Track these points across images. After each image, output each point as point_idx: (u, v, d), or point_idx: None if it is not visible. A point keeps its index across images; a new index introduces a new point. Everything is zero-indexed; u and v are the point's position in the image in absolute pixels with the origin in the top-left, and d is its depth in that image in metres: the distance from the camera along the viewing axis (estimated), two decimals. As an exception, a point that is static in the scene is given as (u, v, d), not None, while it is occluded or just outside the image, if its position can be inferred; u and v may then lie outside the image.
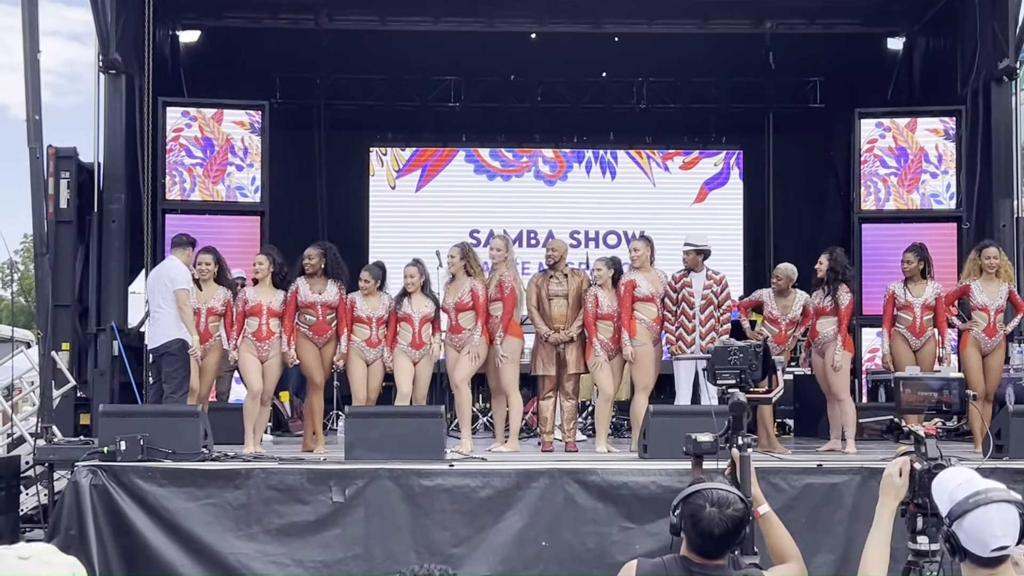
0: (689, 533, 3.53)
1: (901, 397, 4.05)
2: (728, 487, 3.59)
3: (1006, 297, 10.02)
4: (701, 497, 3.52)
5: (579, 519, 8.33)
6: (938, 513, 3.62)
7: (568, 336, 9.97)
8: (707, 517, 3.47)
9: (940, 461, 3.77)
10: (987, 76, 13.24)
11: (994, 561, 3.14)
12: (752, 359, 4.27)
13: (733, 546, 3.55)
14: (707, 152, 16.42)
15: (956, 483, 3.21)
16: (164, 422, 8.63)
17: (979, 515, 3.10)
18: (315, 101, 15.91)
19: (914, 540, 3.85)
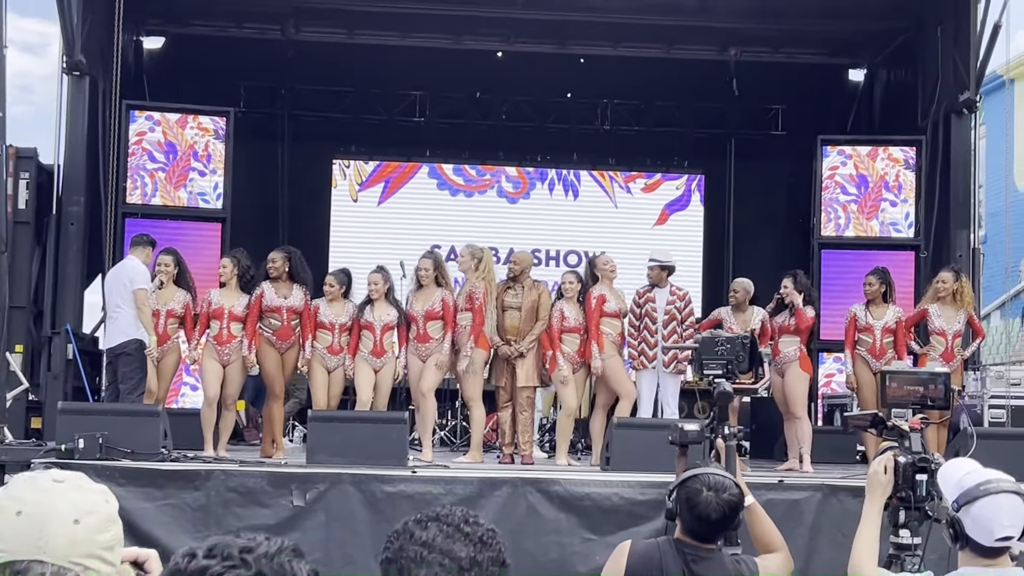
0: (685, 517, 3.53)
1: (887, 391, 4.07)
2: (724, 472, 3.60)
3: (964, 322, 10.13)
4: (698, 481, 3.53)
5: (541, 529, 8.29)
6: (921, 507, 3.64)
7: (518, 351, 9.94)
8: (704, 501, 3.48)
9: (924, 455, 3.78)
10: (948, 108, 13.41)
11: (995, 552, 3.14)
12: (739, 350, 4.28)
13: (727, 531, 3.55)
14: (669, 175, 16.51)
15: (965, 471, 3.23)
16: (123, 421, 8.51)
17: (988, 503, 3.11)
18: (279, 111, 15.86)
19: (896, 534, 3.87)
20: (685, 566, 3.60)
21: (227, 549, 1.55)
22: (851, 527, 8.44)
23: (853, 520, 8.47)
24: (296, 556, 1.58)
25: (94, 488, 1.97)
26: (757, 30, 15.09)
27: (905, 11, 14.33)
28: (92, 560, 1.89)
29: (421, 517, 1.96)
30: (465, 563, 1.89)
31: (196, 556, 1.54)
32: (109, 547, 1.93)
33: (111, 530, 1.95)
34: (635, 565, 3.67)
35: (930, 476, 3.73)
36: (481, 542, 1.93)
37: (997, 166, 18.10)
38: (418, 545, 1.90)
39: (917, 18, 14.22)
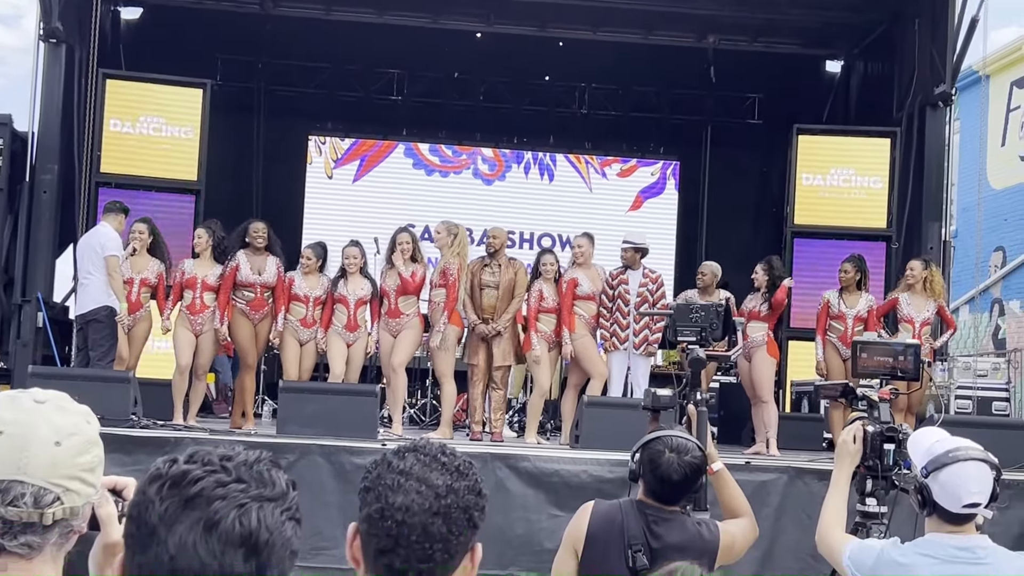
0: (648, 478, 3.56)
1: (858, 361, 4.11)
2: (686, 435, 3.63)
3: (934, 312, 10.22)
4: (661, 443, 3.56)
5: (509, 504, 8.32)
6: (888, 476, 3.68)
7: (494, 329, 9.96)
8: (666, 462, 3.51)
9: (892, 425, 3.83)
10: (923, 101, 13.49)
11: (962, 518, 3.19)
12: (713, 318, 4.31)
13: (689, 494, 3.59)
14: (645, 161, 16.55)
15: (934, 439, 3.27)
16: (93, 386, 8.46)
17: (957, 470, 3.15)
18: (256, 85, 15.79)
19: (863, 502, 3.91)
20: (646, 527, 3.64)
21: (207, 456, 1.57)
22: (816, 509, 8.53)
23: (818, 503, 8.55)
24: (274, 465, 1.60)
25: (76, 409, 1.97)
26: (736, 18, 15.12)
27: (882, 3, 14.40)
28: (73, 482, 1.90)
29: (399, 448, 1.99)
30: (442, 491, 1.91)
31: (177, 462, 1.56)
32: (90, 469, 1.94)
33: (92, 452, 1.95)
34: (596, 525, 3.71)
35: (897, 446, 3.77)
36: (458, 471, 1.96)
37: (970, 162, 18.23)
38: (396, 473, 1.93)
39: (894, 11, 14.29)
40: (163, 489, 1.51)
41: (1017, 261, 18.79)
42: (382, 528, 1.90)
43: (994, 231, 18.93)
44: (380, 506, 1.91)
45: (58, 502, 1.87)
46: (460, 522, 1.93)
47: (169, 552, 1.47)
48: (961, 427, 9.31)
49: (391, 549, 1.90)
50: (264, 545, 1.50)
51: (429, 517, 1.90)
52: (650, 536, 3.63)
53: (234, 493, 1.51)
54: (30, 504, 1.84)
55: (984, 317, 19.20)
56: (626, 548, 3.62)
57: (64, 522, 1.89)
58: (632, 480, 3.69)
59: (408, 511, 1.89)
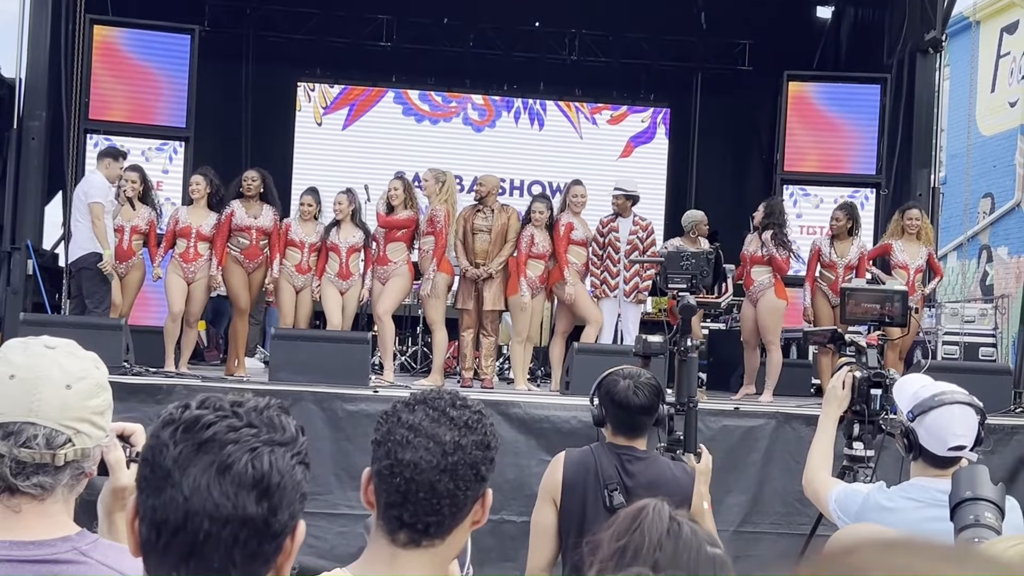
0: (610, 412, 3.63)
1: (846, 308, 4.16)
2: (637, 367, 3.73)
3: (925, 258, 10.28)
4: (614, 375, 3.65)
5: (500, 450, 8.33)
6: (875, 420, 3.75)
7: (487, 272, 9.98)
8: (623, 389, 3.59)
9: (879, 370, 3.88)
10: (913, 47, 13.47)
11: (947, 462, 3.25)
12: (704, 265, 4.35)
13: (652, 417, 3.65)
14: (635, 108, 16.51)
15: (920, 384, 3.32)
16: (86, 334, 8.44)
17: (942, 413, 3.21)
18: (244, 31, 15.67)
19: (850, 446, 3.97)
20: (620, 467, 3.71)
21: (219, 402, 1.61)
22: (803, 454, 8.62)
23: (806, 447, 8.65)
24: (283, 412, 1.64)
25: (85, 355, 2.02)
26: (727, -37, 15.08)
27: (874, -52, 14.35)
28: (83, 424, 1.95)
29: (410, 400, 2.03)
30: (449, 447, 1.96)
31: (189, 407, 1.60)
32: (100, 412, 1.99)
33: (102, 396, 2.01)
34: (571, 472, 3.77)
35: (884, 391, 3.83)
36: (466, 426, 2.00)
37: (960, 108, 18.24)
38: (405, 428, 1.98)
39: (886, -44, 14.24)
40: (177, 433, 1.56)
41: (1005, 207, 18.85)
42: (391, 484, 1.96)
43: (983, 177, 18.98)
44: (389, 462, 1.97)
45: (69, 444, 1.92)
46: (467, 477, 1.99)
47: (183, 494, 1.51)
48: (947, 372, 9.38)
49: (400, 503, 1.96)
50: (276, 488, 1.55)
51: (436, 474, 1.95)
52: (624, 475, 3.70)
53: (246, 437, 1.56)
54: (42, 445, 1.90)
55: (972, 263, 19.28)
56: (602, 489, 3.69)
57: (75, 464, 1.94)
58: (598, 424, 3.77)
59: (416, 468, 1.95)
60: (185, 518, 1.52)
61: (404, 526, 1.97)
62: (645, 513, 1.71)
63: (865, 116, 13.60)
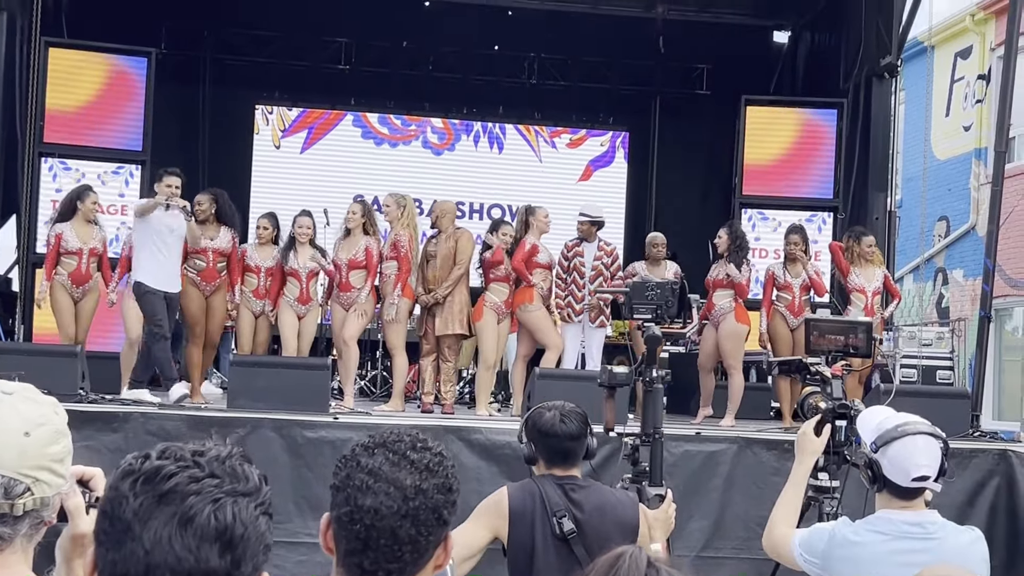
0: (539, 445, 3.62)
1: (810, 339, 4.15)
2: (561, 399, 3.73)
3: (882, 281, 10.36)
4: (538, 408, 3.65)
5: (462, 477, 8.07)
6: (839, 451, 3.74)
7: (433, 298, 9.94)
8: (549, 419, 3.59)
9: (844, 401, 3.88)
10: (869, 72, 13.61)
11: (912, 492, 3.24)
12: (669, 295, 4.33)
13: (582, 445, 3.63)
14: (594, 132, 16.55)
15: (883, 416, 3.32)
16: (40, 361, 8.39)
17: (905, 443, 3.21)
18: (202, 54, 15.58)
19: (815, 477, 3.95)
20: (565, 495, 3.68)
21: (179, 451, 1.57)
22: (765, 478, 8.66)
23: (767, 472, 8.69)
24: (245, 460, 1.60)
25: (44, 400, 1.97)
26: (684, -11, 15.17)
27: (830, -25, 14.49)
28: (42, 472, 1.89)
29: (369, 443, 1.99)
30: (410, 492, 1.92)
31: (149, 457, 1.56)
32: (59, 459, 1.94)
33: (61, 442, 1.95)
34: (517, 501, 3.73)
35: (849, 422, 3.82)
36: (427, 469, 1.96)
37: (915, 132, 18.43)
38: (364, 473, 1.93)
39: (842, -18, 14.38)
40: (136, 485, 1.51)
41: (960, 230, 19.05)
42: (351, 531, 1.91)
43: (938, 201, 19.17)
44: (349, 508, 1.92)
45: (28, 493, 1.87)
46: (429, 522, 1.94)
47: (144, 547, 1.47)
48: (906, 396, 9.46)
49: (360, 551, 1.91)
50: (239, 539, 1.50)
51: (398, 520, 1.90)
52: (570, 503, 3.68)
53: (208, 488, 1.51)
54: (0, 495, 1.84)
55: (928, 286, 19.46)
56: (550, 517, 3.66)
57: (34, 513, 1.89)
58: (529, 463, 3.75)
59: (377, 514, 1.90)
60: (146, 572, 1.47)
61: (365, 573, 1.92)
62: (622, 561, 1.68)
63: (822, 140, 13.71)
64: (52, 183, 12.31)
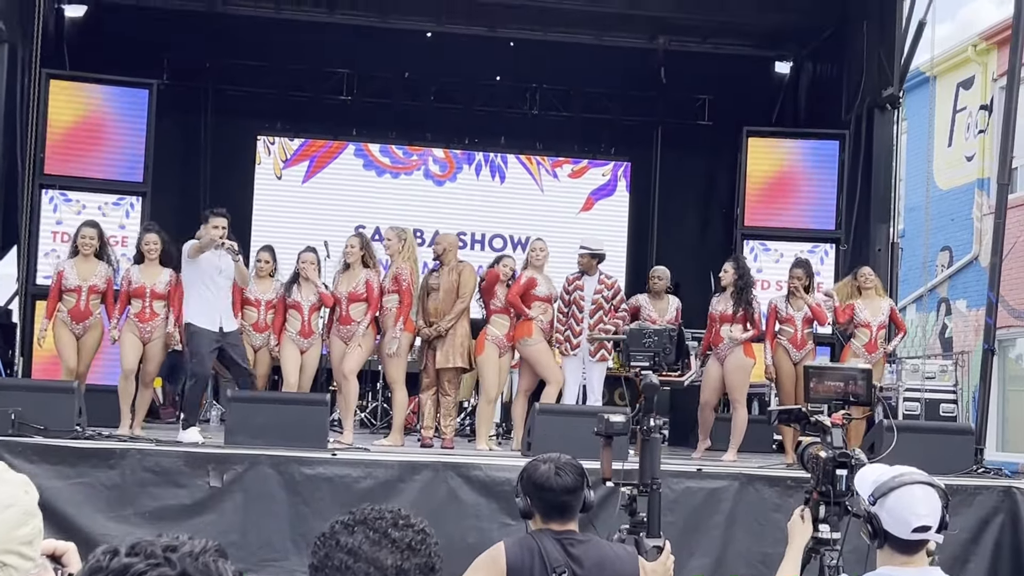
0: (535, 499, 3.55)
1: (809, 387, 4.10)
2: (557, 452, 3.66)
3: (887, 313, 10.30)
4: (534, 462, 3.59)
5: (461, 513, 8.28)
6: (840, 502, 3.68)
7: (436, 331, 9.90)
8: (544, 472, 3.52)
9: (844, 450, 3.82)
10: (871, 103, 13.59)
11: (913, 546, 3.17)
12: (666, 342, 4.28)
13: (578, 498, 3.56)
14: (596, 162, 16.53)
15: (881, 470, 3.27)
16: (37, 397, 8.36)
17: (903, 493, 3.15)
18: (204, 85, 15.57)
19: (816, 528, 3.89)
20: (564, 551, 3.61)
21: (150, 547, 1.51)
22: (767, 515, 8.58)
23: (769, 508, 8.61)
24: (220, 556, 1.54)
25: (14, 479, 1.90)
26: (686, 19, 15.19)
27: (830, 7, 14.49)
28: (10, 556, 1.83)
29: (349, 520, 1.92)
30: (390, 572, 1.85)
31: (118, 554, 1.50)
32: (28, 542, 1.87)
33: (30, 523, 1.88)
34: (514, 557, 3.66)
35: (850, 471, 3.77)
36: (409, 548, 1.89)
37: (918, 162, 18.40)
38: (344, 553, 1.87)
39: (842, 14, 14.39)
40: None
41: (963, 261, 19.00)
42: None
43: (941, 231, 19.13)
44: None
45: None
46: None
47: None
48: (908, 432, 9.41)
49: None
50: None
51: None
52: (570, 559, 3.61)
53: None
54: None
55: (931, 316, 19.39)
56: (549, 573, 3.59)
57: None
58: (525, 517, 3.67)
59: None
60: None
61: None
62: None
63: (824, 171, 13.69)
64: (53, 214, 12.30)
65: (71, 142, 12.46)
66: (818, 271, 12.45)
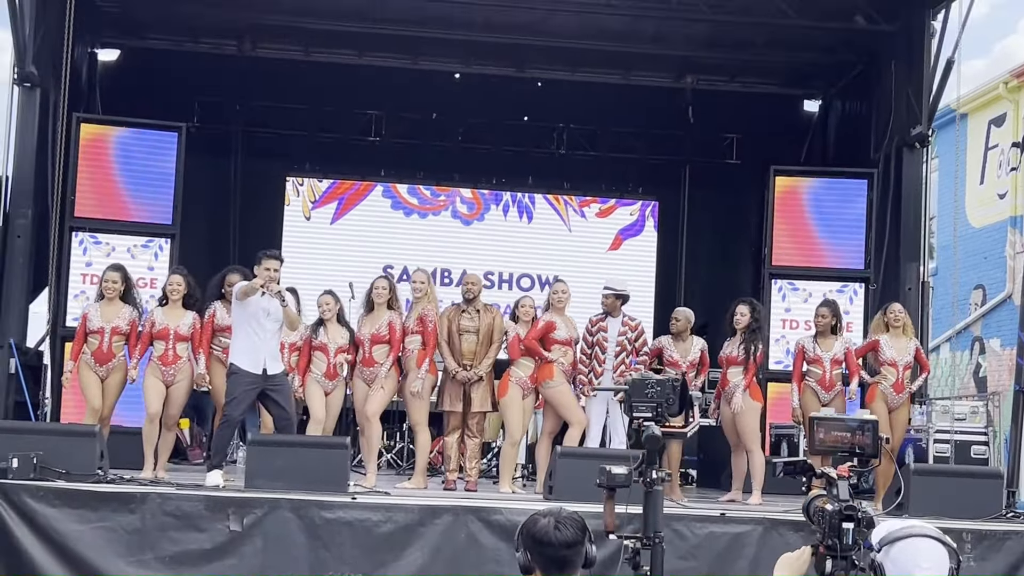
0: (534, 554, 3.46)
1: (815, 438, 4.05)
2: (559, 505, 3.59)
3: (913, 354, 10.18)
4: (534, 516, 3.50)
5: (481, 558, 8.23)
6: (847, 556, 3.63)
7: (476, 375, 9.90)
8: (543, 526, 3.42)
9: (851, 503, 3.77)
10: (900, 142, 13.53)
11: None
12: (669, 392, 4.24)
13: (578, 559, 3.49)
14: (624, 201, 16.53)
15: (894, 522, 3.24)
16: (59, 441, 8.38)
17: (908, 544, 3.13)
18: (234, 127, 15.71)
19: (821, 582, 3.84)
20: None
21: None
22: (791, 562, 8.42)
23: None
24: None
25: None
26: (713, 59, 15.23)
27: (858, 46, 14.47)
28: None
29: None
30: None
31: None
32: None
33: None
34: None
35: (856, 525, 3.71)
36: None
37: (950, 198, 18.27)
38: None
39: (871, 52, 14.35)
40: None
41: (997, 299, 18.81)
42: None
43: (974, 269, 18.96)
44: None
45: None
46: None
47: None
48: (935, 476, 9.30)
49: None
50: None
51: None
52: None
53: None
54: None
55: (964, 355, 19.19)
56: None
57: None
58: (526, 572, 3.60)
59: None
60: None
61: None
62: None
63: (853, 210, 13.59)
64: (82, 257, 12.43)
65: (101, 185, 12.59)
66: (847, 310, 12.38)
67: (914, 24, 13.43)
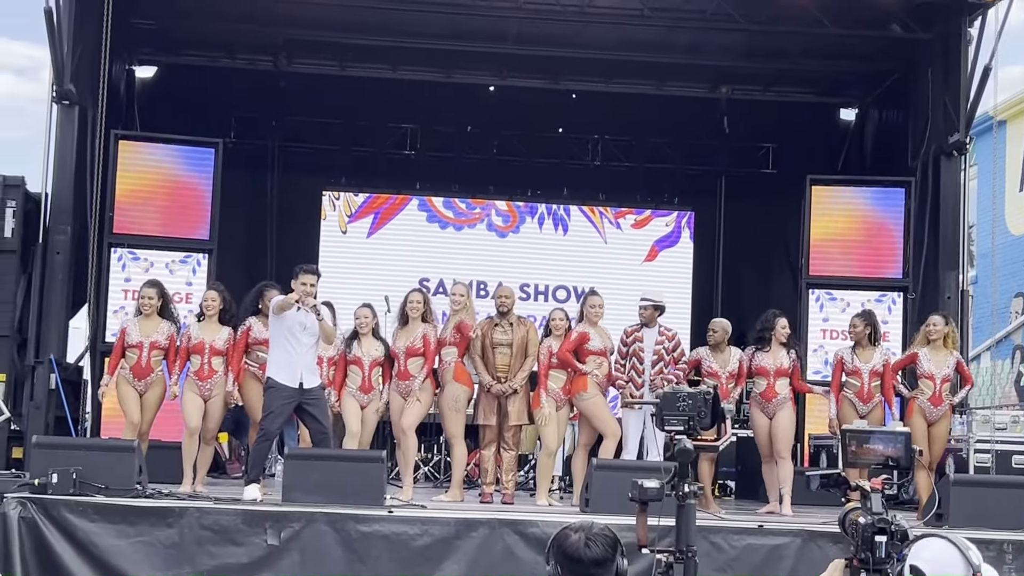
0: (564, 569, 3.43)
1: (848, 451, 4.03)
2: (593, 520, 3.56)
3: (953, 367, 10.07)
4: (565, 530, 3.46)
5: (517, 570, 8.21)
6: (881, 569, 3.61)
7: (511, 388, 9.90)
8: (574, 542, 3.39)
9: (884, 516, 3.74)
10: (937, 150, 13.43)
11: None
12: (701, 406, 4.22)
13: (608, 574, 3.45)
14: (659, 212, 16.50)
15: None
16: (98, 456, 8.44)
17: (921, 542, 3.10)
18: (270, 142, 15.83)
19: (856, 596, 3.81)
20: None
21: None
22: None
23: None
24: None
25: None
26: (748, 68, 15.16)
27: (894, 53, 14.37)
28: None
29: None
30: None
31: None
32: None
33: None
34: None
35: (890, 538, 3.68)
36: None
37: (988, 206, 18.11)
38: None
39: (907, 59, 14.26)
40: None
41: (1038, 307, 18.63)
42: None
43: (1014, 276, 18.78)
44: None
45: None
46: None
47: None
48: (974, 487, 9.19)
49: None
50: None
51: None
52: None
53: None
54: None
55: (1005, 364, 18.99)
56: None
57: None
58: None
59: None
60: None
61: None
62: None
63: (891, 219, 13.50)
64: (121, 272, 12.52)
65: (139, 201, 12.68)
66: (886, 320, 12.29)
67: (951, 31, 13.34)
